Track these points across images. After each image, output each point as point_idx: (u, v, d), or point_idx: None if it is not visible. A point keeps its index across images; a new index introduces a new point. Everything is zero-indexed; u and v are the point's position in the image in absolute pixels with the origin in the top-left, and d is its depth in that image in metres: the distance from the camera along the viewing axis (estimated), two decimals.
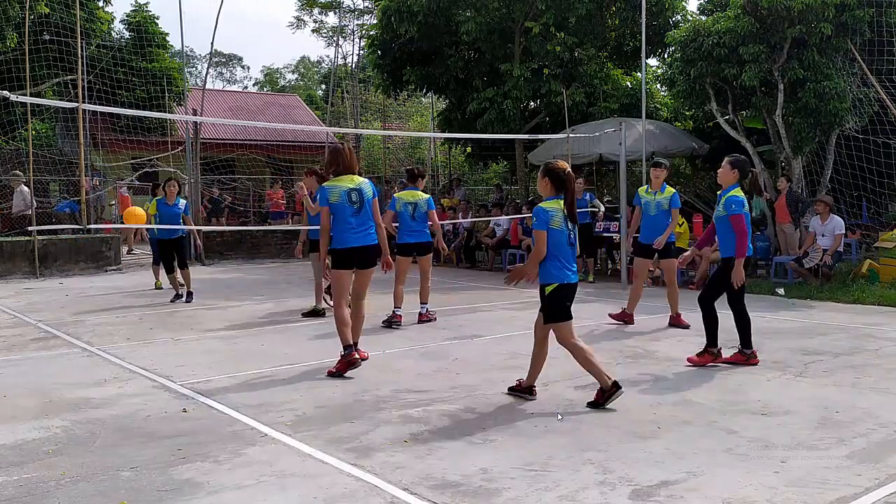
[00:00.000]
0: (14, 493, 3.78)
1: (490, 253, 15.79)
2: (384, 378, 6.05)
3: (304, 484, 3.87)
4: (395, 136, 32.72)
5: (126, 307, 10.30)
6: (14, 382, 6.10)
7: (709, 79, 13.31)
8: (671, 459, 4.13)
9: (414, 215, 8.57)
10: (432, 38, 17.95)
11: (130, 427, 4.84)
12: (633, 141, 13.35)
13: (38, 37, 21.18)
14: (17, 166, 19.32)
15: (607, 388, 5.16)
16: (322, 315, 9.19)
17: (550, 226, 5.14)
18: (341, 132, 31.86)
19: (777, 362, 6.47)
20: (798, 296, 10.41)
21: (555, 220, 5.15)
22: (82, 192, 10.35)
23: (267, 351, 7.27)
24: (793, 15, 11.93)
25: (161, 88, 25.39)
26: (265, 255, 18.28)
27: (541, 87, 16.98)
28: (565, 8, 16.58)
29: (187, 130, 18.13)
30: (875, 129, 12.83)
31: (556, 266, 5.17)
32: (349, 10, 39.27)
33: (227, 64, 64.89)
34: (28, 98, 11.29)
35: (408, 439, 4.53)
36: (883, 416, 4.89)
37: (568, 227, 5.21)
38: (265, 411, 5.15)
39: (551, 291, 5.18)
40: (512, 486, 3.78)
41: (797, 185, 13.03)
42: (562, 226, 5.17)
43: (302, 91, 49.38)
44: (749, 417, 4.90)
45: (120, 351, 7.32)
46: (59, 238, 15.17)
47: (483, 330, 8.19)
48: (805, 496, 3.63)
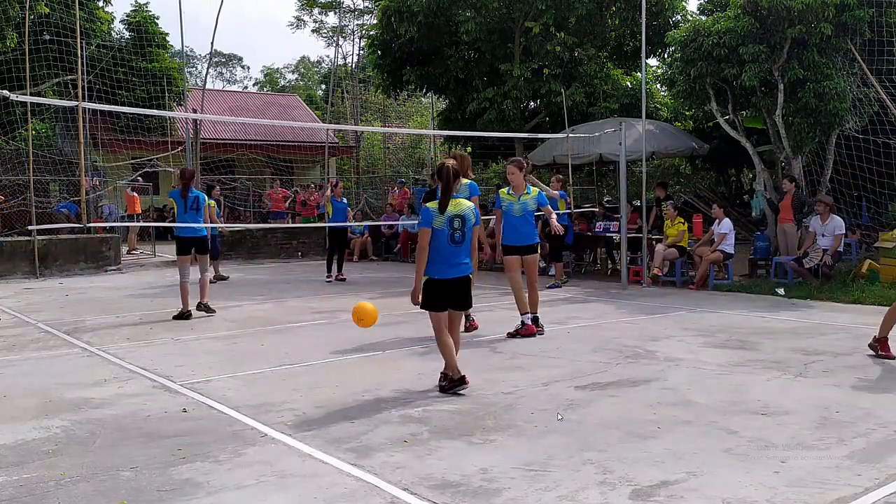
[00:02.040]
0: (14, 493, 3.78)
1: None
2: (384, 378, 6.05)
3: (304, 484, 3.87)
4: (395, 136, 32.74)
5: (126, 307, 10.30)
6: (14, 382, 6.10)
7: (709, 79, 13.31)
8: (671, 459, 4.13)
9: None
10: (432, 38, 17.95)
11: (130, 427, 4.84)
12: (633, 141, 13.35)
13: (38, 37, 21.18)
14: (17, 166, 19.36)
15: (456, 377, 5.53)
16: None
17: (433, 225, 5.53)
18: (341, 130, 31.90)
19: (777, 362, 6.47)
20: (798, 296, 10.41)
21: (437, 220, 5.54)
22: (82, 191, 10.33)
23: (267, 351, 7.27)
24: (793, 15, 11.92)
25: (161, 88, 25.40)
26: (265, 255, 18.28)
27: (541, 87, 16.99)
28: (565, 8, 16.59)
29: (187, 130, 18.11)
30: (875, 129, 12.82)
31: (431, 262, 5.58)
32: (349, 10, 39.32)
33: (227, 64, 64.92)
34: (28, 98, 11.29)
35: (408, 439, 4.53)
36: (883, 416, 4.88)
37: (452, 225, 5.56)
38: (265, 411, 5.15)
39: (423, 283, 5.60)
40: (512, 486, 3.78)
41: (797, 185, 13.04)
42: (443, 225, 5.54)
43: (302, 91, 49.39)
44: (749, 417, 4.90)
45: (120, 351, 7.32)
46: (59, 238, 15.18)
47: (483, 330, 8.19)
48: (805, 496, 3.63)
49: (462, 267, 5.69)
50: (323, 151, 25.46)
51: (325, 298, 11.00)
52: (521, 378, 5.99)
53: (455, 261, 5.65)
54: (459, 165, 6.01)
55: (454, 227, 5.60)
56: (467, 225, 5.66)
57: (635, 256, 13.14)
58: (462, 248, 5.67)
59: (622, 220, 12.00)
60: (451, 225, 5.59)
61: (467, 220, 5.66)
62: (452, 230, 5.60)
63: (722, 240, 11.67)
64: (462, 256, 5.68)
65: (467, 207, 5.70)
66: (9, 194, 18.36)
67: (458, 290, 5.70)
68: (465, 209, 5.67)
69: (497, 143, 18.73)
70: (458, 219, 5.62)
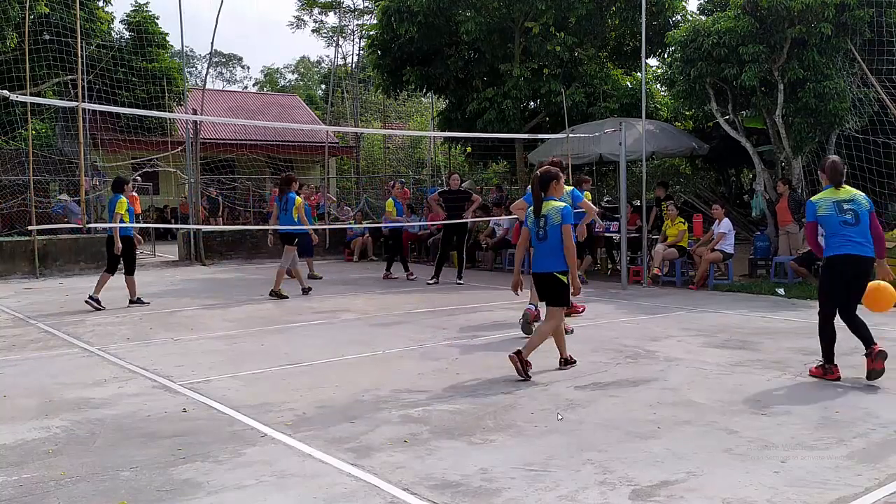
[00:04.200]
0: (14, 493, 3.78)
1: (490, 253, 15.79)
2: (384, 378, 6.05)
3: (304, 484, 3.87)
4: (395, 136, 32.73)
5: (126, 307, 10.30)
6: (14, 382, 6.10)
7: (709, 79, 13.30)
8: (671, 459, 4.13)
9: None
10: (432, 39, 17.94)
11: (130, 427, 4.84)
12: (632, 141, 13.34)
13: (38, 37, 21.16)
14: (17, 166, 19.34)
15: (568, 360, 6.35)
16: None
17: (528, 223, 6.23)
18: (341, 131, 31.90)
19: (777, 362, 6.47)
20: (798, 296, 10.41)
21: (530, 219, 6.21)
22: (82, 191, 10.32)
23: (267, 351, 7.27)
24: (793, 15, 11.92)
25: (161, 88, 25.40)
26: (265, 255, 18.25)
27: (541, 87, 16.98)
28: (565, 8, 16.57)
29: (187, 130, 18.12)
30: (875, 129, 12.82)
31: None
32: (349, 10, 39.31)
33: (227, 64, 64.84)
34: (28, 98, 11.28)
35: (408, 439, 4.53)
36: (883, 416, 4.89)
37: (538, 224, 6.11)
38: (265, 411, 5.15)
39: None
40: (512, 486, 3.78)
41: (797, 185, 13.03)
42: (532, 224, 6.19)
43: (302, 91, 49.39)
44: (749, 417, 4.90)
45: (120, 351, 7.32)
46: (59, 238, 15.17)
47: (483, 330, 8.19)
48: (805, 496, 3.63)
49: (542, 263, 6.13)
50: (323, 151, 25.46)
51: (325, 298, 11.00)
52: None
53: (537, 257, 6.20)
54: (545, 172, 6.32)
55: (539, 225, 6.12)
56: (549, 225, 6.03)
57: (635, 256, 13.15)
58: (544, 246, 6.09)
59: (622, 220, 12.00)
60: (538, 224, 6.13)
61: (549, 220, 6.03)
62: (538, 229, 6.12)
63: (721, 239, 11.67)
64: (544, 254, 6.11)
65: (552, 209, 6.06)
66: (9, 194, 18.33)
67: (540, 285, 6.23)
68: (548, 210, 6.07)
69: (497, 143, 18.73)
70: (542, 219, 6.10)
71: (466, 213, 12.89)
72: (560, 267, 6.02)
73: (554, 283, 6.06)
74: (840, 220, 5.84)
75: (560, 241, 5.98)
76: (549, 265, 6.06)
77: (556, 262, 6.03)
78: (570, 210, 6.14)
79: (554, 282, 6.05)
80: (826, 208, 5.92)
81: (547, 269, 6.07)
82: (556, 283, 6.05)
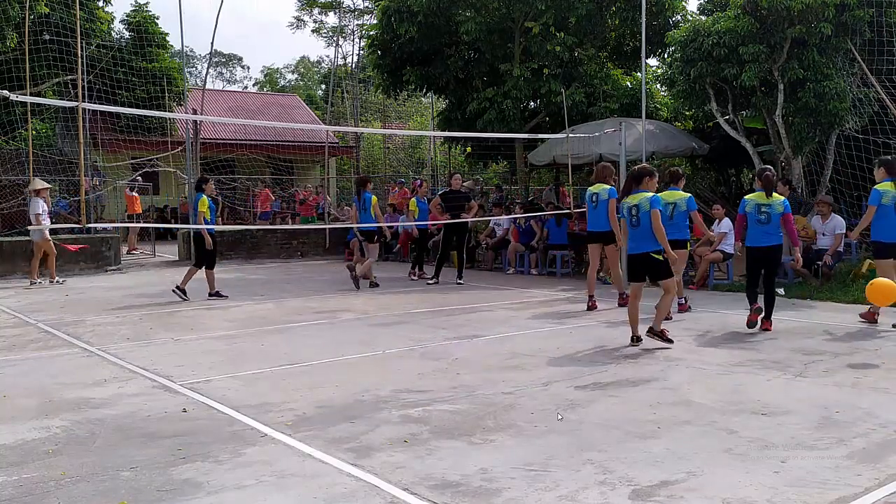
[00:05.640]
0: (14, 493, 3.78)
1: (490, 253, 15.78)
2: (384, 378, 6.05)
3: (304, 484, 3.87)
4: (395, 136, 32.74)
5: (126, 307, 10.30)
6: (14, 382, 6.10)
7: (709, 79, 13.30)
8: (671, 459, 4.13)
9: (672, 215, 8.74)
10: (432, 39, 17.94)
11: (130, 427, 4.84)
12: (633, 141, 13.34)
13: (38, 37, 21.17)
14: (17, 166, 19.33)
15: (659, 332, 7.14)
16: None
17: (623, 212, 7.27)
18: (341, 131, 31.91)
19: (777, 362, 6.47)
20: (798, 296, 10.41)
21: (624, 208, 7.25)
22: (82, 191, 10.32)
23: (267, 351, 7.27)
24: (793, 15, 11.92)
25: (161, 88, 25.39)
26: (265, 255, 18.28)
27: (541, 87, 16.97)
28: (565, 8, 16.57)
29: (187, 130, 18.12)
30: (875, 129, 12.81)
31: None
32: (349, 10, 39.35)
33: (227, 64, 64.87)
34: (28, 98, 11.28)
35: (408, 439, 4.53)
36: (883, 416, 4.88)
37: (629, 212, 7.10)
38: (265, 411, 5.15)
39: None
40: (512, 486, 3.78)
41: (797, 185, 13.02)
42: (625, 212, 7.23)
43: (302, 91, 49.40)
44: (749, 417, 4.90)
45: (120, 351, 7.32)
46: (59, 238, 15.16)
47: (483, 330, 8.19)
48: (805, 496, 3.63)
49: (637, 245, 7.10)
50: (323, 151, 25.46)
51: (325, 298, 11.00)
52: (521, 378, 5.99)
53: (632, 241, 7.19)
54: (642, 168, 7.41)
55: (632, 213, 7.08)
56: (641, 212, 6.99)
57: None
58: (637, 231, 7.07)
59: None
60: (631, 213, 7.10)
61: (641, 208, 6.99)
62: (631, 217, 7.10)
63: (721, 239, 11.67)
64: (637, 238, 7.10)
65: (642, 198, 7.02)
66: (9, 194, 18.31)
67: (637, 265, 7.17)
68: (639, 200, 7.04)
69: (497, 142, 18.73)
70: (634, 208, 7.07)
71: (466, 215, 12.90)
72: (654, 246, 6.97)
73: (651, 262, 7.03)
74: (756, 219, 7.83)
75: (650, 225, 6.93)
76: (644, 246, 7.01)
77: (650, 242, 6.98)
78: (659, 198, 7.13)
79: (651, 261, 7.02)
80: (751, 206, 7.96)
81: (642, 250, 7.04)
82: (652, 261, 7.02)
